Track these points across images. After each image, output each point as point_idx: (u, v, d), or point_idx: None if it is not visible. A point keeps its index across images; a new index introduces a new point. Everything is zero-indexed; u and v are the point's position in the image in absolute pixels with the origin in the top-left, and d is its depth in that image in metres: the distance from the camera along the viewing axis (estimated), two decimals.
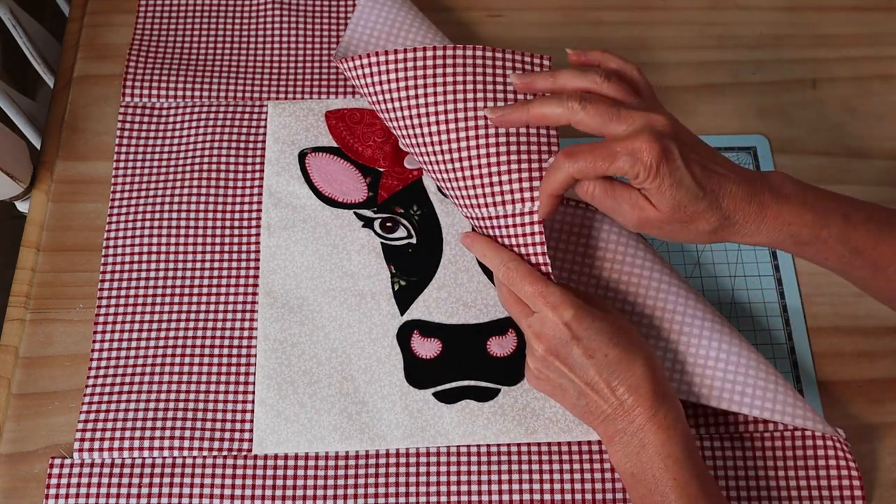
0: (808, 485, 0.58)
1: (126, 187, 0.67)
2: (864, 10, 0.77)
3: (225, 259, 0.65)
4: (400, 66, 0.59)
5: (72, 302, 0.64)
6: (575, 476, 0.58)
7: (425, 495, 0.58)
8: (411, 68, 0.59)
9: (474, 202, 0.58)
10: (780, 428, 0.59)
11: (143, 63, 0.71)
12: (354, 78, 0.63)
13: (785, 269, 0.66)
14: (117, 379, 0.61)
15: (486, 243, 0.58)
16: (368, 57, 0.60)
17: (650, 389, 0.52)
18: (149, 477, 0.58)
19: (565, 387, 0.54)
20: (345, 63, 0.63)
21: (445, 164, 0.58)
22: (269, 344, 0.62)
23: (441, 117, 0.58)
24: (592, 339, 0.52)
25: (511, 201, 0.56)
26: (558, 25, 0.75)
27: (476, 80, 0.58)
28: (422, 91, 0.58)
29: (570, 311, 0.53)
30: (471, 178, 0.57)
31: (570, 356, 0.53)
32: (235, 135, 0.68)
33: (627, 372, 0.52)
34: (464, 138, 0.57)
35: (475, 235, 0.60)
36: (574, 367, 0.53)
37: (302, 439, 0.59)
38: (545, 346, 0.54)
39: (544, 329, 0.53)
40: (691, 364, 0.58)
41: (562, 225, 0.62)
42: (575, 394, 0.54)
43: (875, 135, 0.71)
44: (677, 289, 0.60)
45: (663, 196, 0.51)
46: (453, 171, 0.58)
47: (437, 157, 0.59)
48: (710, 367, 0.57)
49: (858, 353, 0.63)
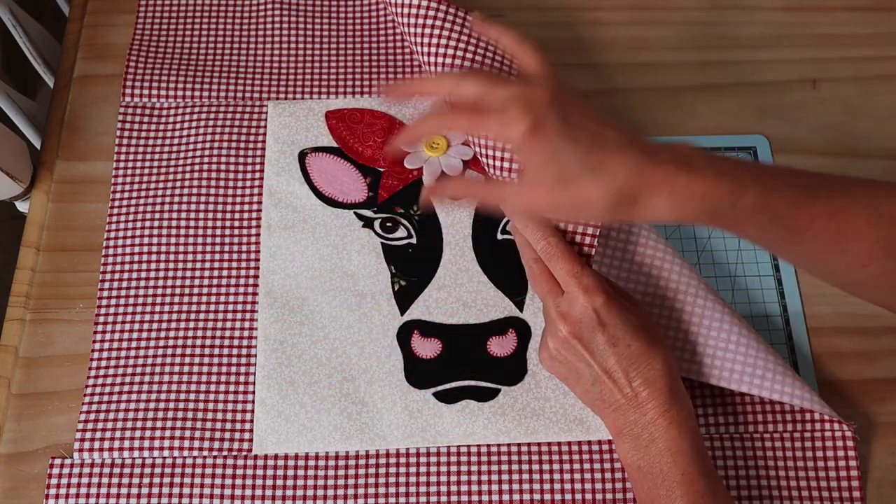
0: (809, 485, 0.58)
1: (126, 187, 0.67)
2: (864, 10, 0.77)
3: (225, 259, 0.65)
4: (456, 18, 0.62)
5: (72, 302, 0.64)
6: (575, 476, 0.58)
7: (425, 495, 0.58)
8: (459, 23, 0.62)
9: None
10: (779, 429, 0.59)
11: (143, 63, 0.71)
12: (399, 15, 0.65)
13: (785, 269, 0.66)
14: (117, 379, 0.61)
15: (534, 214, 0.56)
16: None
17: (665, 385, 0.52)
18: (149, 477, 0.58)
19: (582, 371, 0.54)
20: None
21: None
22: (269, 344, 0.62)
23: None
24: (618, 328, 0.53)
25: None
26: (558, 25, 0.75)
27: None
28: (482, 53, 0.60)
29: (601, 297, 0.53)
30: None
31: (593, 341, 0.53)
32: (235, 135, 0.68)
33: (646, 366, 0.53)
34: None
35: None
36: (595, 353, 0.53)
37: (302, 439, 0.59)
38: (570, 328, 0.53)
39: (572, 310, 0.53)
40: (712, 348, 0.58)
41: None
42: (591, 379, 0.54)
43: (875, 135, 0.71)
44: (697, 281, 0.60)
45: (542, 170, 0.49)
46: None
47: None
48: (731, 350, 0.58)
49: (858, 353, 0.63)
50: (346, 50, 0.72)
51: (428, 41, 0.63)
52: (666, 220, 0.50)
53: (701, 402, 0.60)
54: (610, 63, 0.73)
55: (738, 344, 0.58)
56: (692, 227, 0.67)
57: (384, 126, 0.68)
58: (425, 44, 0.64)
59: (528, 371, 0.61)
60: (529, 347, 0.62)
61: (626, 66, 0.73)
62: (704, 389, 0.61)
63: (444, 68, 0.63)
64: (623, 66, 0.73)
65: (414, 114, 0.69)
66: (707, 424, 0.60)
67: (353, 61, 0.72)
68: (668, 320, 0.59)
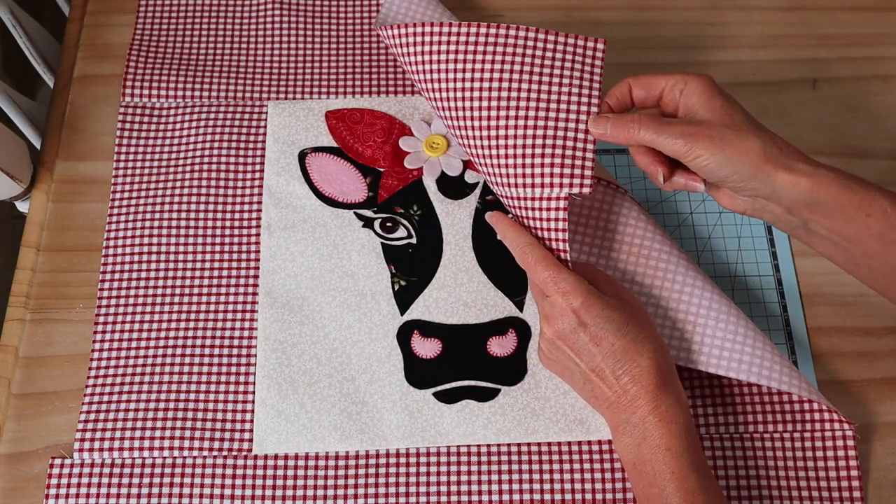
0: (809, 485, 0.58)
1: (126, 187, 0.67)
2: (864, 10, 0.77)
3: (225, 259, 0.65)
4: (444, 38, 0.60)
5: (72, 302, 0.64)
6: (575, 476, 0.58)
7: (425, 495, 0.58)
8: (454, 42, 0.60)
9: (504, 181, 0.58)
10: (779, 429, 0.59)
11: (143, 63, 0.71)
12: (396, 46, 0.64)
13: (785, 269, 0.66)
14: (117, 379, 0.61)
15: (508, 224, 0.59)
16: (413, 27, 0.61)
17: (653, 382, 0.53)
18: (149, 477, 0.58)
19: (572, 370, 0.56)
20: (386, 31, 0.63)
21: (480, 140, 0.59)
22: (269, 344, 0.62)
23: (484, 94, 0.59)
24: (600, 328, 0.53)
25: (540, 185, 0.57)
26: (558, 25, 0.75)
27: (524, 60, 0.59)
28: (469, 66, 0.59)
29: (579, 298, 0.54)
30: (504, 157, 0.58)
31: (577, 342, 0.54)
32: (235, 135, 0.68)
33: (632, 363, 0.53)
34: (503, 117, 0.58)
35: (499, 215, 0.60)
36: (581, 353, 0.54)
37: (302, 439, 0.59)
38: (553, 330, 0.55)
39: (553, 313, 0.55)
40: (710, 337, 0.59)
41: (588, 202, 0.63)
42: (581, 378, 0.55)
43: (875, 135, 0.71)
44: (695, 272, 0.61)
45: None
46: (487, 147, 0.59)
47: (473, 132, 0.59)
48: (729, 339, 0.58)
49: (858, 353, 0.63)
50: (346, 50, 0.72)
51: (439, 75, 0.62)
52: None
53: (700, 402, 0.60)
54: (610, 63, 0.73)
55: (736, 334, 0.58)
56: (692, 228, 0.67)
57: (384, 126, 0.68)
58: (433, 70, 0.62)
59: (528, 371, 0.61)
60: (529, 347, 0.62)
61: (626, 66, 0.73)
62: (704, 389, 0.61)
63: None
64: (623, 66, 0.73)
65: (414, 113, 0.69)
66: (707, 424, 0.60)
67: (353, 61, 0.72)
68: (657, 308, 0.60)
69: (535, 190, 0.57)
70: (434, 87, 0.61)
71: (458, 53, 0.60)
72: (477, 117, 0.59)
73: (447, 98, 0.61)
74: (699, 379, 0.61)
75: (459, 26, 0.60)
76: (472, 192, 0.66)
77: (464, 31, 0.60)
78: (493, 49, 0.59)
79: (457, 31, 0.60)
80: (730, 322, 0.59)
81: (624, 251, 0.61)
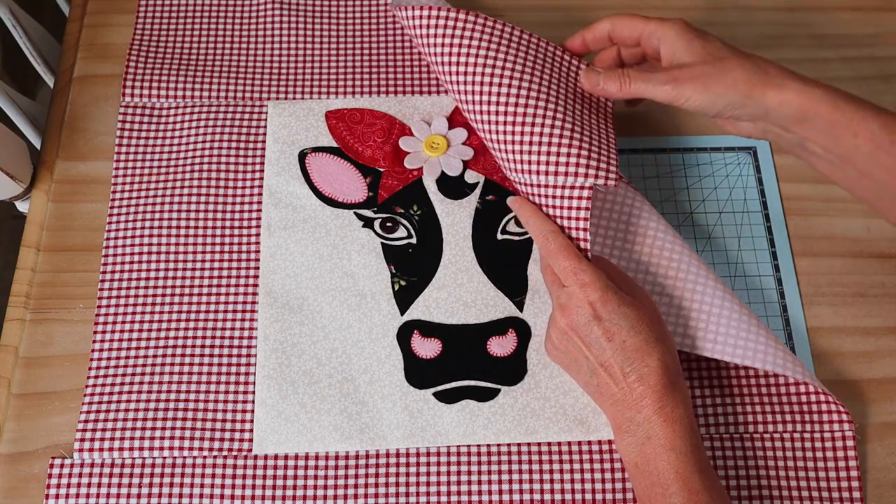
0: (808, 485, 0.58)
1: (126, 187, 0.67)
2: (864, 10, 0.77)
3: (225, 259, 0.65)
4: (468, 25, 0.61)
5: (72, 302, 0.64)
6: (575, 476, 0.58)
7: (425, 495, 0.58)
8: (479, 31, 0.61)
9: (526, 168, 0.59)
10: (779, 430, 0.59)
11: (143, 63, 0.71)
12: (414, 28, 0.64)
13: (785, 268, 0.66)
14: (117, 379, 0.61)
15: (532, 211, 0.60)
16: (437, 10, 0.62)
17: (660, 382, 0.53)
18: (149, 477, 0.58)
19: (580, 362, 0.56)
20: (404, 12, 0.64)
21: (502, 126, 0.59)
22: (269, 344, 0.62)
23: (506, 80, 0.60)
24: (614, 323, 0.53)
25: (564, 173, 0.57)
26: (558, 25, 0.75)
27: (546, 58, 0.62)
28: (493, 54, 0.60)
29: (597, 292, 0.54)
30: (528, 144, 0.58)
31: (590, 334, 0.54)
32: (235, 135, 0.68)
33: (641, 362, 0.53)
34: (531, 105, 0.59)
35: (523, 201, 0.61)
36: (591, 346, 0.54)
37: (302, 439, 0.59)
38: (567, 321, 0.55)
39: (570, 303, 0.55)
40: (714, 324, 0.59)
41: (602, 193, 0.63)
42: (588, 371, 0.55)
43: None
44: (706, 266, 0.61)
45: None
46: (511, 133, 0.59)
47: (496, 117, 0.60)
48: (733, 327, 0.59)
49: (858, 353, 0.63)
50: (346, 50, 0.72)
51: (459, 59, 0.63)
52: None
53: (701, 403, 0.60)
54: None
55: (748, 324, 0.58)
56: (693, 228, 0.67)
57: (384, 126, 0.68)
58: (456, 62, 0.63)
59: (528, 371, 0.61)
60: (529, 347, 0.62)
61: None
62: (705, 389, 0.61)
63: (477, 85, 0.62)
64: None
65: (414, 113, 0.69)
66: (707, 424, 0.60)
67: (353, 61, 0.72)
68: (671, 297, 0.60)
69: (557, 178, 0.57)
70: (453, 70, 0.62)
71: (483, 41, 0.61)
72: (504, 103, 0.59)
73: (468, 82, 0.61)
74: (700, 379, 0.61)
75: (486, 19, 0.61)
76: (472, 192, 0.66)
77: (489, 23, 0.61)
78: (517, 41, 0.61)
79: (482, 21, 0.61)
80: (742, 313, 0.59)
81: (639, 242, 0.62)
